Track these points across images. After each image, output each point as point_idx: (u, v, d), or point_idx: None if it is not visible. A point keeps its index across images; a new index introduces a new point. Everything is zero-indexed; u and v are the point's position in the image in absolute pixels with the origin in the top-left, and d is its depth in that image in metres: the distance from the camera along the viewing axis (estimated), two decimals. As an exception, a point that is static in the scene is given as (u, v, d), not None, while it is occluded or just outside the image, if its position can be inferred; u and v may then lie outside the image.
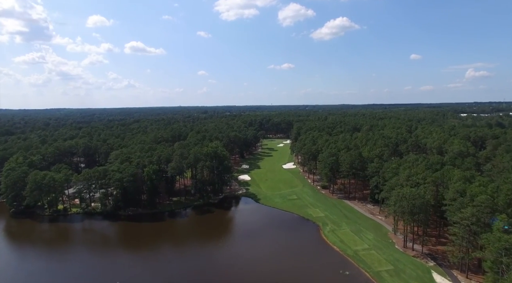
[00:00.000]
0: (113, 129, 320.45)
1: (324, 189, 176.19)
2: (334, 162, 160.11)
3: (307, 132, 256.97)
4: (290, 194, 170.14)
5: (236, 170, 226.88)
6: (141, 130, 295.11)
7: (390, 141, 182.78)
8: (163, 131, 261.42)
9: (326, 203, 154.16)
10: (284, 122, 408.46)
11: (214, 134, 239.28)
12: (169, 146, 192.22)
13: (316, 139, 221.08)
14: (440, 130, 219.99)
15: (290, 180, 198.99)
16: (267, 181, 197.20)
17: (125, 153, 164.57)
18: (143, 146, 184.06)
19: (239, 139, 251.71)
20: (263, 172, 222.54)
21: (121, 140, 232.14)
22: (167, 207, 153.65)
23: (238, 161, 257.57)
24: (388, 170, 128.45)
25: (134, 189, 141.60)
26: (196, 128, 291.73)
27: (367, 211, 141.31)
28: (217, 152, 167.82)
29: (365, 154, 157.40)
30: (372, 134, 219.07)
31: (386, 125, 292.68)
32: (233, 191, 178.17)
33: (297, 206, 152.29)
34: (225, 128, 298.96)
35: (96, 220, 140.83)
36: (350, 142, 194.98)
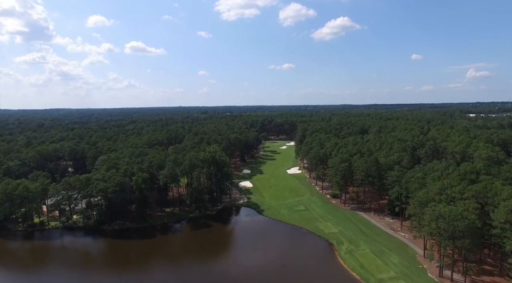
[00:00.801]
0: (106, 130, 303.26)
1: (335, 198, 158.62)
2: (346, 168, 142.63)
3: (313, 134, 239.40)
4: (297, 204, 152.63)
5: (237, 175, 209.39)
6: (135, 132, 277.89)
7: (407, 145, 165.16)
8: (158, 133, 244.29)
9: (338, 215, 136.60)
10: (287, 123, 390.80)
11: (213, 136, 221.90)
12: (163, 150, 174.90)
13: (324, 142, 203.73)
14: (459, 133, 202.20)
15: (296, 187, 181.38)
16: (271, 189, 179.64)
17: (113, 159, 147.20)
18: (134, 150, 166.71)
19: (240, 141, 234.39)
20: (266, 177, 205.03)
21: (113, 143, 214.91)
22: (159, 219, 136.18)
23: (239, 165, 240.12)
24: (412, 179, 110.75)
25: (120, 200, 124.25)
26: (194, 130, 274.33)
27: (386, 225, 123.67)
28: (215, 157, 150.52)
29: (382, 159, 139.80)
30: (384, 137, 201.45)
31: (396, 127, 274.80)
32: (233, 201, 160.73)
33: (305, 218, 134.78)
34: (225, 130, 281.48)
35: (77, 236, 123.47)
36: (362, 145, 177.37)
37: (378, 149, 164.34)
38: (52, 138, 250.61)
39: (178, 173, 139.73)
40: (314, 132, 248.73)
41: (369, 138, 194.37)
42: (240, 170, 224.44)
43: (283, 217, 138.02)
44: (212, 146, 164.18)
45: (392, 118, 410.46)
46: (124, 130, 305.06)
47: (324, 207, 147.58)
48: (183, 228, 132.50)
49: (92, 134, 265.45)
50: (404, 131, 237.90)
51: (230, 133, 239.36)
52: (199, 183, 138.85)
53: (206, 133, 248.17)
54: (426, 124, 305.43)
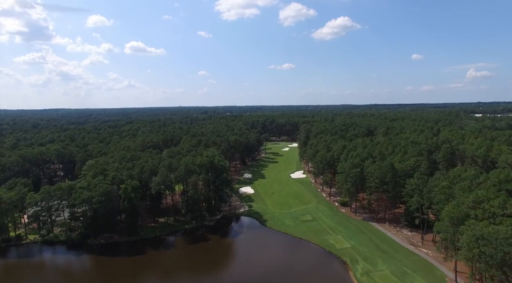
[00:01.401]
0: (100, 132, 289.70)
1: (344, 207, 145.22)
2: (358, 174, 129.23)
3: (318, 136, 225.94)
4: (303, 213, 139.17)
5: (237, 180, 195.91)
6: (130, 134, 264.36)
7: (422, 148, 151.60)
8: (153, 135, 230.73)
9: (349, 227, 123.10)
10: (289, 123, 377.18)
11: (211, 138, 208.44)
12: (157, 154, 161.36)
13: (330, 144, 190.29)
14: (473, 134, 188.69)
15: (301, 193, 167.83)
16: (274, 195, 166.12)
17: (101, 164, 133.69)
18: (125, 154, 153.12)
19: (240, 143, 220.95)
20: (269, 182, 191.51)
21: (105, 146, 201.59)
22: (151, 231, 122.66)
23: (239, 168, 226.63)
24: (436, 189, 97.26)
25: (107, 211, 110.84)
26: (192, 131, 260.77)
27: (404, 239, 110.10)
28: (213, 161, 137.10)
29: (397, 165, 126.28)
30: (395, 139, 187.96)
31: (404, 128, 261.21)
32: (233, 209, 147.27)
33: (313, 230, 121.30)
34: (225, 131, 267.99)
35: (58, 251, 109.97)
36: (372, 148, 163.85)
37: (390, 153, 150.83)
38: (42, 140, 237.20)
39: (172, 180, 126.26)
40: (319, 133, 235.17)
41: (379, 141, 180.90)
42: (240, 174, 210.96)
43: (288, 228, 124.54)
44: (211, 149, 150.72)
45: (397, 118, 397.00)
46: (119, 131, 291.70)
47: (333, 217, 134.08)
48: (178, 242, 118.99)
49: (84, 136, 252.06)
50: (414, 133, 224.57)
51: (230, 135, 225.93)
52: (195, 190, 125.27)
53: (204, 135, 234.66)
54: (434, 125, 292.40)
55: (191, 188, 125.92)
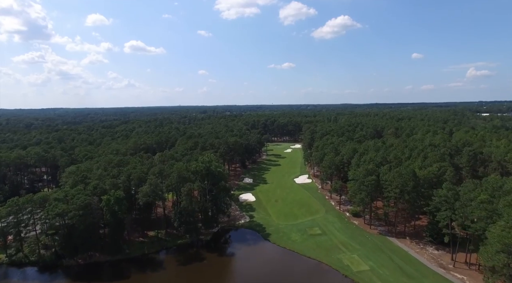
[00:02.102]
0: (92, 132, 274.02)
1: (357, 218, 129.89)
2: (374, 183, 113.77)
3: (324, 137, 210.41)
4: (311, 226, 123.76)
5: (237, 185, 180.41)
6: (123, 135, 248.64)
7: (443, 152, 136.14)
8: (147, 136, 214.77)
9: (365, 243, 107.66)
10: (291, 123, 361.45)
11: (209, 140, 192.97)
12: (148, 158, 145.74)
13: (338, 146, 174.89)
14: (495, 136, 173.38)
15: (307, 201, 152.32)
16: (277, 204, 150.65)
17: (82, 170, 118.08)
18: (113, 158, 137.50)
19: (240, 146, 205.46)
20: (271, 188, 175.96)
21: (94, 148, 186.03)
22: (138, 248, 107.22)
23: (239, 172, 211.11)
24: (473, 203, 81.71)
25: (86, 227, 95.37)
26: (189, 132, 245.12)
27: (432, 260, 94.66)
28: (210, 168, 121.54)
29: (419, 172, 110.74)
30: (409, 141, 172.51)
31: (414, 128, 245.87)
32: (233, 220, 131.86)
33: (324, 247, 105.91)
34: (224, 132, 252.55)
35: (28, 274, 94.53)
36: (386, 152, 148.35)
37: (408, 157, 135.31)
38: (29, 142, 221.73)
39: (163, 190, 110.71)
40: (325, 135, 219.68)
41: (392, 143, 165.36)
42: (240, 178, 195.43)
43: (295, 245, 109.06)
44: (207, 154, 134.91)
45: (403, 118, 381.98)
46: (112, 132, 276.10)
47: (345, 230, 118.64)
48: (168, 262, 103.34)
49: (74, 137, 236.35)
50: (427, 133, 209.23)
51: (229, 137, 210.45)
52: (189, 201, 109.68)
53: (201, 136, 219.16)
54: (444, 125, 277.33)
55: (184, 198, 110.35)
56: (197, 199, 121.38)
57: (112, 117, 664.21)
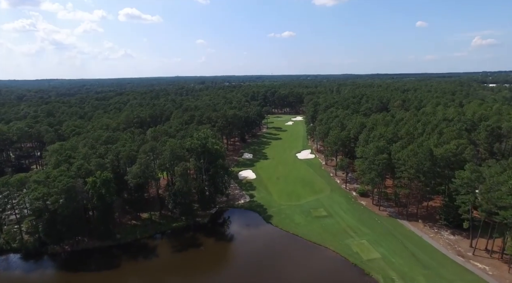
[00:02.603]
0: (84, 105, 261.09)
1: (364, 198, 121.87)
2: (386, 162, 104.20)
3: (328, 110, 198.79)
4: (316, 206, 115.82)
5: (236, 161, 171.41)
6: (116, 107, 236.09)
7: (459, 127, 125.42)
8: (140, 109, 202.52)
9: (374, 227, 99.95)
10: (292, 95, 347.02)
11: (206, 113, 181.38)
12: (140, 134, 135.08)
13: (343, 120, 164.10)
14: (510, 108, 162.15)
15: (310, 179, 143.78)
16: (279, 181, 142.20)
17: (67, 149, 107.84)
18: (102, 134, 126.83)
19: (239, 119, 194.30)
20: (272, 164, 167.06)
21: (84, 123, 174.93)
22: (130, 233, 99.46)
23: (238, 147, 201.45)
24: (503, 189, 72.30)
25: (70, 212, 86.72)
26: (185, 105, 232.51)
27: (448, 247, 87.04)
28: (206, 145, 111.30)
29: (436, 151, 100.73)
30: (420, 115, 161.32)
31: (423, 100, 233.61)
32: (232, 200, 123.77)
33: (330, 232, 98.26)
34: (222, 104, 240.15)
35: (12, 262, 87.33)
36: (397, 127, 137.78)
37: (421, 133, 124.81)
38: (16, 115, 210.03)
39: (155, 171, 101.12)
40: (328, 107, 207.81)
41: (402, 117, 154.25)
42: (239, 153, 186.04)
43: (299, 228, 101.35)
44: (203, 130, 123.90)
45: (409, 89, 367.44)
46: (105, 105, 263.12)
47: (353, 212, 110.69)
48: (162, 247, 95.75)
49: (65, 110, 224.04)
50: (437, 106, 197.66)
51: (228, 109, 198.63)
52: (184, 182, 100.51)
53: (198, 109, 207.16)
54: (452, 97, 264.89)
55: (178, 178, 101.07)
56: (193, 178, 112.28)
57: (108, 89, 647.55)
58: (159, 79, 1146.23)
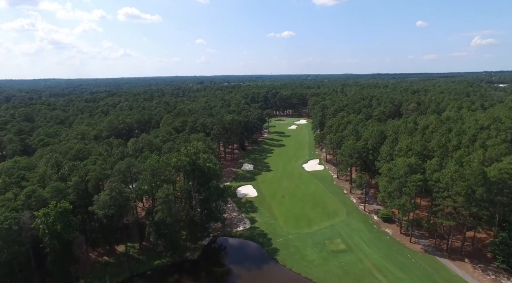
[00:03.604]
0: (68, 108, 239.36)
1: (388, 223, 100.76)
2: (421, 184, 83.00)
3: (338, 114, 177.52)
4: (331, 236, 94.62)
5: (234, 174, 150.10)
6: (103, 111, 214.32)
7: (504, 137, 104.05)
8: (127, 113, 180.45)
9: (408, 267, 78.65)
10: (295, 96, 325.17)
11: (200, 118, 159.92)
12: (120, 145, 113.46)
13: (356, 126, 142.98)
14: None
15: (321, 197, 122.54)
16: (285, 200, 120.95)
17: (22, 166, 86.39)
18: (71, 146, 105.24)
19: (239, 124, 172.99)
20: (276, 177, 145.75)
21: (61, 129, 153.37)
22: (99, 276, 78.00)
23: (237, 155, 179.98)
24: None
25: (9, 259, 65.29)
26: (179, 108, 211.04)
27: (513, 303, 65.82)
28: (197, 162, 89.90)
29: (488, 171, 79.22)
30: (445, 120, 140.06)
31: (439, 103, 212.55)
32: (229, 225, 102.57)
33: (352, 274, 77.06)
34: (219, 107, 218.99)
35: None
36: (424, 136, 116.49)
37: (457, 146, 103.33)
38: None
39: (131, 195, 79.63)
40: (338, 111, 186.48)
41: (427, 124, 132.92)
42: (238, 164, 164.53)
43: (313, 268, 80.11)
44: (192, 143, 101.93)
45: (419, 90, 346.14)
46: (92, 107, 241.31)
47: (377, 244, 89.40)
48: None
49: (45, 114, 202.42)
50: (460, 110, 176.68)
51: (225, 114, 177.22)
52: (167, 210, 79.15)
53: (193, 113, 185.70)
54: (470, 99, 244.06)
55: (160, 206, 79.71)
56: (179, 203, 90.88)
57: (103, 89, 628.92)
58: (158, 79, 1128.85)
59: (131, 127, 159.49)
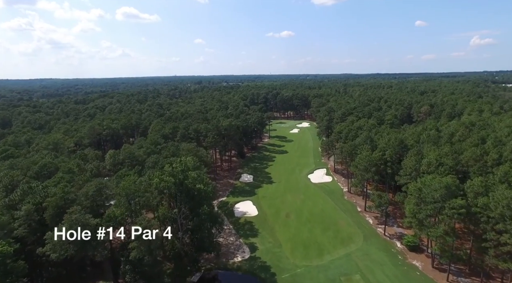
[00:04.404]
0: (52, 110, 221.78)
1: (415, 253, 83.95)
2: (463, 210, 66.26)
3: (347, 118, 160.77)
4: (347, 270, 77.79)
5: (232, 187, 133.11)
6: (90, 114, 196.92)
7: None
8: (113, 117, 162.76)
9: (451, 320, 61.90)
10: (297, 97, 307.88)
11: (194, 124, 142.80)
12: (95, 159, 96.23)
13: (370, 133, 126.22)
14: None
15: (332, 216, 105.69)
16: (290, 220, 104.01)
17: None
18: (35, 160, 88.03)
19: (237, 129, 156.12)
20: (279, 191, 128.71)
21: (35, 136, 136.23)
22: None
23: (235, 164, 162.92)
24: None
25: None
26: (173, 110, 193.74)
27: None
28: (184, 182, 72.82)
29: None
30: (476, 128, 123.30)
31: (455, 106, 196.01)
32: (224, 254, 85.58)
33: (381, 330, 60.20)
34: (216, 110, 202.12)
35: None
36: (454, 147, 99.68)
37: (497, 160, 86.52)
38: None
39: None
40: (346, 115, 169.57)
41: (452, 131, 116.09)
42: (237, 174, 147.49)
43: (330, 320, 63.26)
44: (181, 158, 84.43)
45: (426, 91, 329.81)
46: (80, 109, 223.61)
47: None
48: None
49: (26, 118, 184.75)
50: (480, 114, 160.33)
51: (222, 118, 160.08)
52: (146, 248, 62.32)
53: (186, 117, 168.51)
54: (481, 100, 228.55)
55: (135, 243, 62.68)
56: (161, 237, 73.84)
57: (99, 89, 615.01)
58: (156, 79, 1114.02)
59: (117, 133, 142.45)
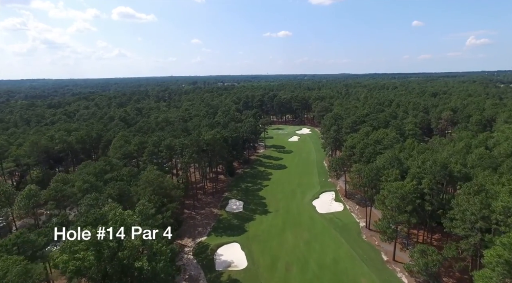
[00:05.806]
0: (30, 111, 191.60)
1: None
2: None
3: (359, 128, 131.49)
4: None
5: (215, 218, 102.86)
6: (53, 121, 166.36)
7: None
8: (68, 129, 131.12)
9: None
10: (296, 100, 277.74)
11: (166, 139, 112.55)
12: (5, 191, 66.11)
13: (395, 150, 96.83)
14: None
15: (349, 271, 75.81)
16: (291, 277, 74.07)
17: None
18: None
19: (224, 143, 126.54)
20: (276, 226, 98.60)
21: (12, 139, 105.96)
22: None
23: (222, 185, 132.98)
24: None
25: None
26: (152, 116, 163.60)
27: None
28: (118, 255, 42.92)
29: None
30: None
31: (483, 110, 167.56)
32: None
33: None
34: (202, 116, 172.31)
35: None
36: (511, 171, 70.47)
37: None
38: None
39: None
40: (357, 123, 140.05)
41: (501, 152, 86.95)
42: (223, 201, 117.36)
43: None
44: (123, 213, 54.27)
45: (438, 93, 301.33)
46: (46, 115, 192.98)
47: None
48: None
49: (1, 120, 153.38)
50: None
51: (205, 129, 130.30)
52: None
53: (162, 126, 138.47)
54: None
55: None
56: None
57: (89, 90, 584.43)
58: (151, 79, 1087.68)
59: (70, 149, 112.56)
